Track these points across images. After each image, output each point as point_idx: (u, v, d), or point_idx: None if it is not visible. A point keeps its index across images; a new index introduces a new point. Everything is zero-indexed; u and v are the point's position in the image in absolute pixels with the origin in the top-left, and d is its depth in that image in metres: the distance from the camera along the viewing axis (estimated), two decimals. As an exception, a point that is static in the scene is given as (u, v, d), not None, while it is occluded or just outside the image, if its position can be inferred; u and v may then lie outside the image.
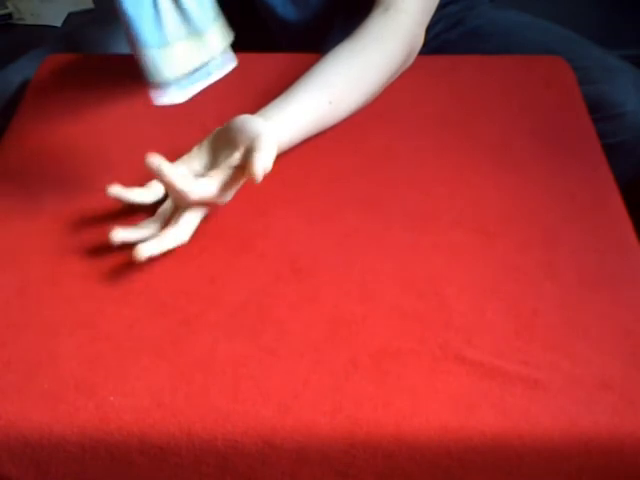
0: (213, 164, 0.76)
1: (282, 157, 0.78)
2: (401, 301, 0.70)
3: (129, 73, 0.87)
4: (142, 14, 0.65)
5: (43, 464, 0.62)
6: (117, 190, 0.73)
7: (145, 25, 0.65)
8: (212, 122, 0.78)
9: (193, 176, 0.74)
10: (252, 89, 0.92)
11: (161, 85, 0.69)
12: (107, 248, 0.74)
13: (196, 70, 0.70)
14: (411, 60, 0.92)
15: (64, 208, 0.78)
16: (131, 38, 0.66)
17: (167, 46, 0.67)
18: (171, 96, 0.69)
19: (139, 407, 0.62)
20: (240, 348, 0.66)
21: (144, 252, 0.69)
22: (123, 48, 0.91)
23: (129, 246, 0.74)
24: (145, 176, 0.74)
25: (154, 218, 0.75)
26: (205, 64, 0.70)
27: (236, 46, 0.76)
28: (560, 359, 0.65)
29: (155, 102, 0.69)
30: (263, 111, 0.80)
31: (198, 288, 0.71)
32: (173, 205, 0.75)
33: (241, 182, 0.73)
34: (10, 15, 2.02)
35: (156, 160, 0.69)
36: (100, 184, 0.73)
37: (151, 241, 0.70)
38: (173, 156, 0.76)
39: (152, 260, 0.73)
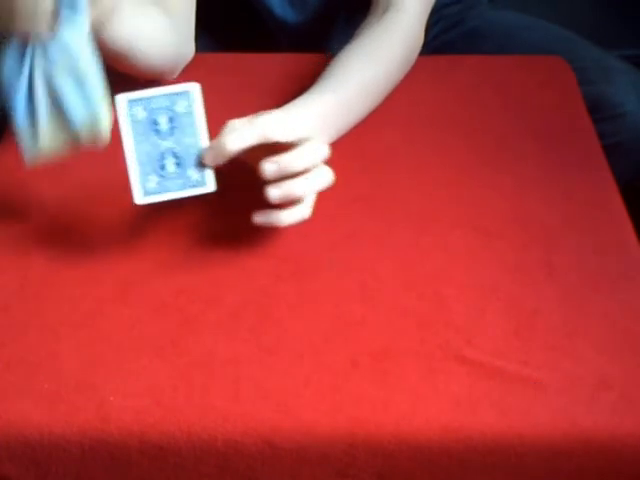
0: None
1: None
2: (401, 301, 0.70)
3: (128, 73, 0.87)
4: (17, 89, 0.67)
5: (43, 464, 0.62)
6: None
7: (18, 103, 0.68)
8: (212, 122, 0.77)
9: None
10: (252, 89, 0.92)
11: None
12: (107, 248, 0.74)
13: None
14: (413, 60, 0.91)
15: (64, 208, 0.78)
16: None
17: (35, 126, 0.69)
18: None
19: (139, 407, 0.62)
20: (240, 348, 0.66)
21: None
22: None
23: (129, 246, 0.74)
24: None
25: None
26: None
27: (237, 47, 0.76)
28: (560, 359, 0.65)
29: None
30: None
31: (198, 288, 0.71)
32: None
33: None
34: (10, 15, 2.01)
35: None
36: (100, 183, 0.73)
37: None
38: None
39: (152, 259, 0.73)
